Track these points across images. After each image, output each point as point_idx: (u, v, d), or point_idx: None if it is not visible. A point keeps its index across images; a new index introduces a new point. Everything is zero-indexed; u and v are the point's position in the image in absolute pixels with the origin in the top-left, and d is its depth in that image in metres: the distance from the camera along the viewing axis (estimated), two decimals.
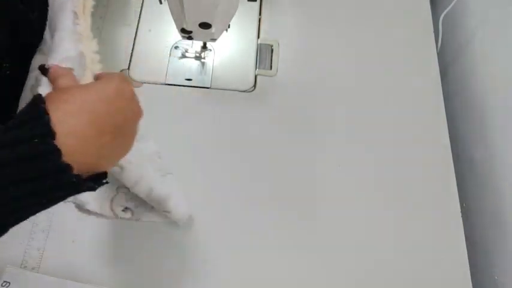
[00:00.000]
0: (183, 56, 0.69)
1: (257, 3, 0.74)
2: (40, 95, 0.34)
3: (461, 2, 0.76)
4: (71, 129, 0.33)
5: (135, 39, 0.70)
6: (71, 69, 0.42)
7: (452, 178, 0.62)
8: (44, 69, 0.41)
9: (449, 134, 0.65)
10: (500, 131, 0.64)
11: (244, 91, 0.67)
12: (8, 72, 0.57)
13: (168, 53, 0.69)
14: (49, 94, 0.35)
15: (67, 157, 0.32)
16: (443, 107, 0.67)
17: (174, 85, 0.67)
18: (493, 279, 0.61)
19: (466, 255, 0.57)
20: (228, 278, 0.54)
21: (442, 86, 0.69)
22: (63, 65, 0.42)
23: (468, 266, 0.56)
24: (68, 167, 0.32)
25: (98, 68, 0.48)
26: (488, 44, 0.70)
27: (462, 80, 0.76)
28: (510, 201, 0.60)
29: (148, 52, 0.70)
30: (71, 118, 0.33)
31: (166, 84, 0.67)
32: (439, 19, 0.77)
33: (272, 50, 0.71)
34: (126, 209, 0.54)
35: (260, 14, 0.74)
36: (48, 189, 0.33)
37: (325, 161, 0.62)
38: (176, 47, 0.70)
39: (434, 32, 0.73)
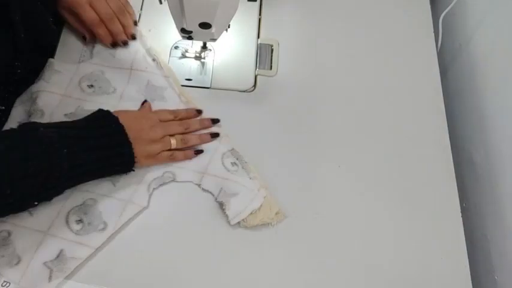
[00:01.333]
0: (183, 56, 0.69)
1: (257, 3, 0.74)
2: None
3: (461, 2, 0.76)
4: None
5: None
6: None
7: (452, 178, 0.62)
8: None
9: (449, 134, 0.65)
10: (500, 131, 0.64)
11: (244, 91, 0.67)
12: (19, 71, 0.57)
13: (168, 53, 0.69)
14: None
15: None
16: (443, 107, 0.67)
17: None
18: (493, 279, 0.61)
19: (466, 255, 0.57)
20: (227, 278, 0.54)
21: (442, 86, 0.69)
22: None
23: (468, 266, 0.56)
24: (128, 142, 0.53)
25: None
26: (488, 44, 0.70)
27: (462, 80, 0.76)
28: (510, 201, 0.60)
29: None
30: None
31: None
32: (439, 19, 0.77)
33: (272, 50, 0.71)
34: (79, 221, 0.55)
35: (260, 14, 0.74)
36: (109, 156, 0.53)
37: (325, 161, 0.62)
38: (176, 47, 0.70)
39: (434, 32, 0.74)
